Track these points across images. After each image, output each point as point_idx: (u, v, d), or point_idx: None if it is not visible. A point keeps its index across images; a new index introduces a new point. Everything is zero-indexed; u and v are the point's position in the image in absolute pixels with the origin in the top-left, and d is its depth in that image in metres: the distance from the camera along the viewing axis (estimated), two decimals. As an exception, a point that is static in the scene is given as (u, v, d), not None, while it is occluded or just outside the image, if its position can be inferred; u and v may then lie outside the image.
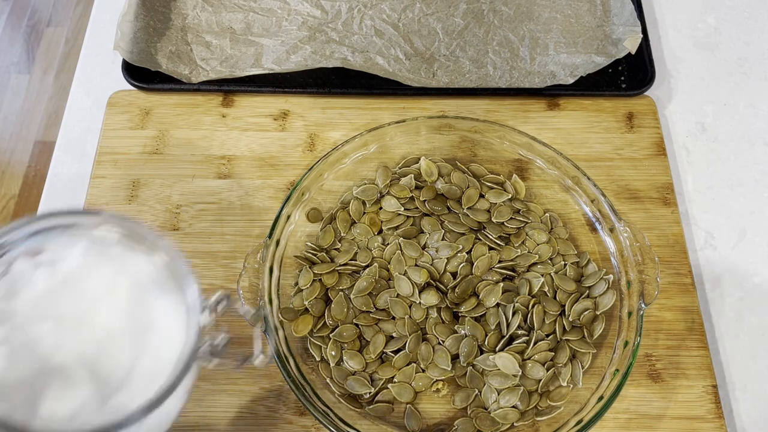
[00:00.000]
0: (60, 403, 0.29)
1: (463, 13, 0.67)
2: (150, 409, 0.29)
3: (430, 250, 0.53)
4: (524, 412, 0.48)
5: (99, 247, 0.33)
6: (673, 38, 0.68)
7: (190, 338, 0.32)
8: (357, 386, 0.49)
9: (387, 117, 0.61)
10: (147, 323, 0.33)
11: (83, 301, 0.32)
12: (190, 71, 0.63)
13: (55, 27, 1.68)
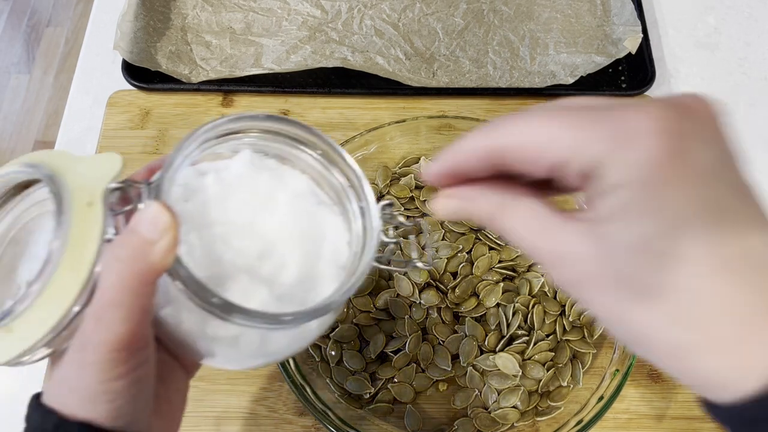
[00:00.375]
0: (243, 299, 0.29)
1: (463, 12, 0.67)
2: (316, 313, 0.30)
3: (430, 250, 0.53)
4: (524, 413, 0.48)
5: (261, 159, 0.34)
6: (673, 38, 0.68)
7: (370, 241, 0.32)
8: (357, 386, 0.49)
9: (387, 117, 0.61)
10: (311, 228, 0.33)
11: (248, 208, 0.32)
12: (190, 71, 0.63)
13: (55, 27, 1.68)
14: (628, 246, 0.22)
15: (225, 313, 0.28)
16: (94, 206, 0.29)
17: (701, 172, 0.22)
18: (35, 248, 0.33)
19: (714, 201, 0.22)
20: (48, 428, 0.27)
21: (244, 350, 0.31)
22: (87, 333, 0.27)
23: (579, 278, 0.24)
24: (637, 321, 0.23)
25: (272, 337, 0.31)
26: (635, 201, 0.22)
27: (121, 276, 0.27)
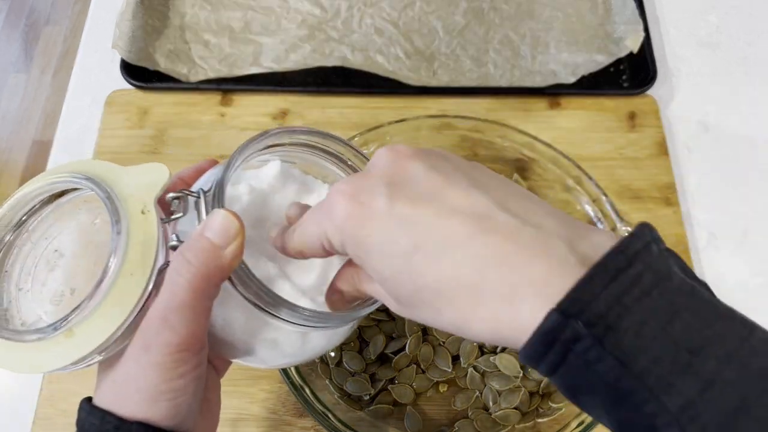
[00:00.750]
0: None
1: (463, 11, 0.67)
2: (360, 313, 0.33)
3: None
4: (525, 414, 0.48)
5: (288, 168, 0.36)
6: (674, 37, 0.68)
7: None
8: (357, 387, 0.48)
9: (387, 116, 0.60)
10: None
11: (280, 215, 0.34)
12: (189, 70, 0.63)
13: (53, 26, 1.67)
14: (379, 279, 0.29)
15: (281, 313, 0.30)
16: (148, 214, 0.31)
17: (377, 213, 0.28)
18: (72, 256, 0.33)
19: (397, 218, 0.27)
20: (108, 429, 0.28)
21: (286, 350, 0.33)
22: (151, 334, 0.28)
23: (395, 308, 0.31)
24: (434, 320, 0.28)
25: (311, 337, 0.33)
26: (356, 250, 0.28)
27: (191, 279, 0.28)
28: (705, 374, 0.22)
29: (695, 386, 0.22)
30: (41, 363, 0.29)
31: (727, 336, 0.23)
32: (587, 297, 0.23)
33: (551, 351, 0.24)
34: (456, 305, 0.26)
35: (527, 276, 0.25)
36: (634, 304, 0.23)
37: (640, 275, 0.23)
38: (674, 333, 0.23)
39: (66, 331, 0.29)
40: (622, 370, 0.23)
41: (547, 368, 0.25)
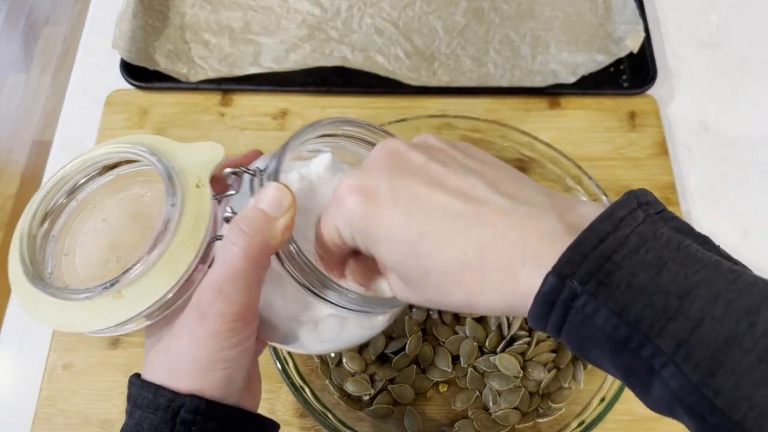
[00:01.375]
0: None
1: (463, 11, 0.67)
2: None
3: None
4: (525, 414, 0.48)
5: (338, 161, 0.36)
6: (675, 37, 0.68)
7: None
8: (357, 388, 0.48)
9: (387, 116, 0.60)
10: None
11: (324, 203, 0.35)
12: (189, 70, 0.63)
13: (53, 26, 1.67)
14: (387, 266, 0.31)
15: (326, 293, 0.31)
16: (203, 188, 0.32)
17: (386, 201, 0.29)
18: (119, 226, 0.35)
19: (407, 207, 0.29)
20: (162, 403, 0.29)
21: (323, 334, 0.34)
22: (205, 304, 0.30)
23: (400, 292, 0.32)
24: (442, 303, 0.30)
25: (349, 324, 0.34)
26: (366, 239, 0.30)
27: (245, 248, 0.29)
28: (694, 314, 0.23)
29: (686, 326, 0.23)
30: (88, 322, 0.30)
31: (713, 280, 0.24)
32: (578, 258, 0.25)
33: (553, 311, 0.26)
34: (463, 284, 0.28)
35: (523, 249, 0.27)
36: (623, 260, 0.25)
37: (626, 237, 0.25)
38: (662, 282, 0.24)
39: (115, 292, 0.30)
40: (618, 319, 0.24)
41: (553, 328, 0.27)
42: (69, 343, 0.51)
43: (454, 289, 0.29)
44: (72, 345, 0.51)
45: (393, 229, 0.29)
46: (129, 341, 0.51)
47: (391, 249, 0.29)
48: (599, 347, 0.26)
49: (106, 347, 0.51)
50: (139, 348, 0.51)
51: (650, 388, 0.25)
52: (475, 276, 0.28)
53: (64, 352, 0.51)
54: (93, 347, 0.51)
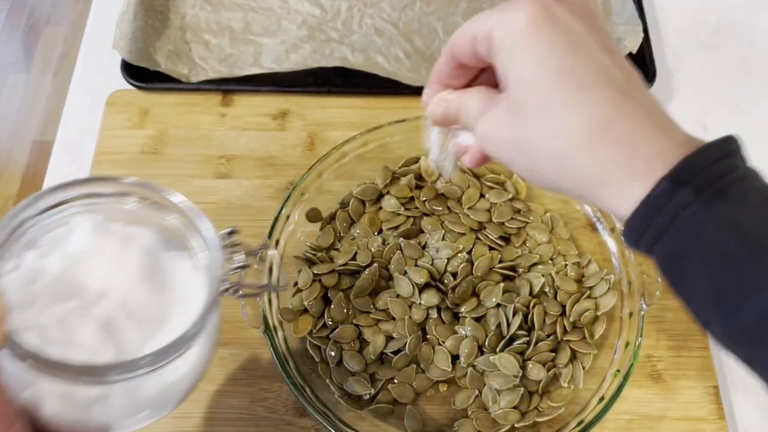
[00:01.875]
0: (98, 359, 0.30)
1: (463, 12, 0.67)
2: (171, 349, 0.30)
3: (430, 250, 0.53)
4: (525, 413, 0.48)
5: (105, 222, 0.34)
6: (674, 37, 0.68)
7: (212, 273, 0.33)
8: (357, 387, 0.48)
9: (387, 116, 0.60)
10: (165, 283, 0.34)
11: (98, 274, 0.33)
12: (189, 70, 0.63)
13: (53, 26, 1.67)
14: (514, 82, 0.30)
15: (82, 375, 0.29)
16: None
17: (567, 28, 0.29)
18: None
19: (578, 45, 0.29)
20: None
21: (120, 409, 0.31)
22: None
23: (490, 124, 0.32)
24: (527, 142, 0.30)
25: (141, 386, 0.31)
26: (514, 46, 0.30)
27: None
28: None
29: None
30: None
31: None
32: (695, 169, 0.26)
33: (660, 215, 0.27)
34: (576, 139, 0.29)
35: (642, 148, 0.28)
36: (736, 181, 0.26)
37: (736, 166, 0.27)
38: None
39: None
40: (728, 232, 0.25)
41: (653, 235, 0.27)
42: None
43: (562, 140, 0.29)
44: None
45: (551, 51, 0.29)
46: (130, 341, 0.51)
47: (533, 70, 0.29)
48: (700, 259, 0.26)
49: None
50: (139, 347, 0.51)
51: (741, 307, 0.26)
52: (593, 141, 0.28)
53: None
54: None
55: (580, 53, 0.29)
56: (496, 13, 0.31)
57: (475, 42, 0.32)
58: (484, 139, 0.33)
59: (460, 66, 0.35)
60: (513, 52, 0.30)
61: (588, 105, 0.28)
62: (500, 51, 0.30)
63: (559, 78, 0.29)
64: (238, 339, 0.52)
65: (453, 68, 0.36)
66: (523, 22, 0.29)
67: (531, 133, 0.30)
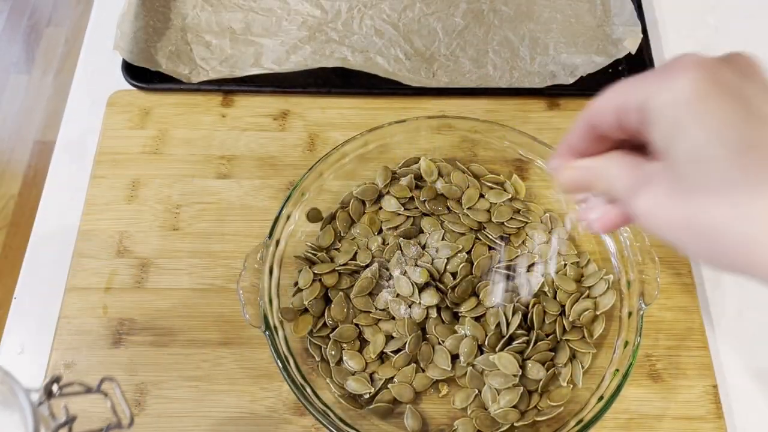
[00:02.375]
0: None
1: (463, 12, 0.67)
2: None
3: (430, 250, 0.53)
4: (524, 412, 0.48)
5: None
6: (673, 38, 0.68)
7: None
8: (357, 386, 0.49)
9: (387, 117, 0.61)
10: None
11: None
12: (190, 71, 0.63)
13: (54, 27, 1.68)
14: (685, 159, 0.27)
15: None
16: None
17: (737, 93, 0.26)
18: None
19: (753, 113, 0.26)
20: None
21: None
22: None
23: (654, 201, 0.28)
24: (706, 225, 0.27)
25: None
26: (680, 119, 0.26)
27: None
28: None
29: None
30: None
31: None
32: None
33: None
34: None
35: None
36: None
37: None
38: None
39: None
40: None
41: None
42: (71, 342, 0.52)
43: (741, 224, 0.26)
44: (74, 344, 0.51)
45: (726, 123, 0.25)
46: (131, 340, 0.52)
47: (710, 144, 0.26)
48: None
49: (108, 346, 0.51)
50: (140, 347, 0.51)
51: None
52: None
53: (66, 351, 0.51)
54: (95, 346, 0.51)
55: (759, 124, 0.26)
56: (651, 80, 0.28)
57: (623, 113, 0.29)
58: (647, 216, 0.29)
59: (598, 138, 0.32)
60: (680, 124, 0.26)
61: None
62: (659, 122, 0.27)
63: (742, 154, 0.25)
64: (239, 338, 0.52)
65: (589, 141, 0.32)
66: (687, 90, 0.26)
67: (711, 215, 0.26)
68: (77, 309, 0.53)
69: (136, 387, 0.50)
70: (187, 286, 0.54)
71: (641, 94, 0.28)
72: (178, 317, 0.53)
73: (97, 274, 0.54)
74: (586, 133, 0.32)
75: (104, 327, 0.52)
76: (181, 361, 0.51)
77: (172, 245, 0.56)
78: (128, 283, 0.54)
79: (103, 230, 0.56)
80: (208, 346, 0.52)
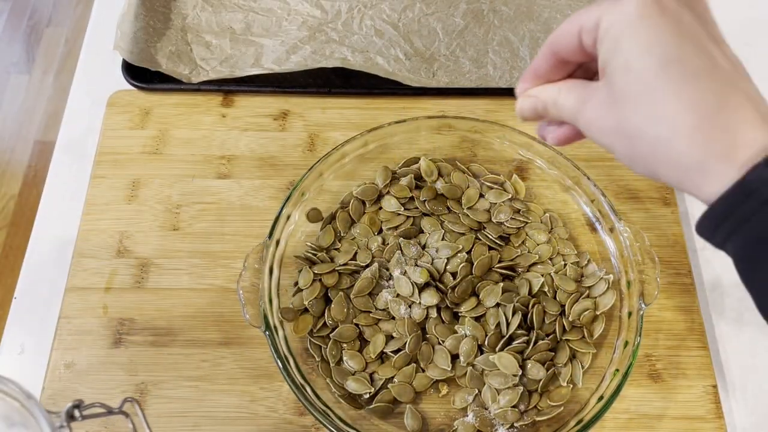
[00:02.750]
0: None
1: (463, 13, 0.67)
2: None
3: (430, 250, 0.53)
4: (524, 412, 0.48)
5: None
6: (673, 38, 0.68)
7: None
8: (357, 386, 0.49)
9: (387, 117, 0.61)
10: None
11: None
12: (190, 71, 0.63)
13: (55, 27, 1.68)
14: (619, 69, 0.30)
15: None
16: None
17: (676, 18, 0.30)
18: None
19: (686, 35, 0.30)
20: None
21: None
22: None
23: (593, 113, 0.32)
24: (629, 127, 0.30)
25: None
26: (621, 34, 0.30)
27: None
28: None
29: None
30: None
31: None
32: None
33: (751, 199, 0.27)
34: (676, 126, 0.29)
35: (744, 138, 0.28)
36: None
37: None
38: None
39: None
40: None
41: (738, 219, 0.28)
42: (71, 342, 0.52)
43: (661, 126, 0.29)
44: (74, 344, 0.51)
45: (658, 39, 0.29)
46: (131, 340, 0.52)
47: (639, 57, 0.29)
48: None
49: (108, 346, 0.51)
50: (140, 347, 0.51)
51: None
52: (696, 130, 0.28)
53: (66, 350, 0.51)
54: (95, 346, 0.51)
55: (687, 43, 0.29)
56: (605, 4, 0.31)
57: (581, 33, 0.32)
58: (588, 127, 0.33)
59: (559, 62, 0.36)
60: (619, 39, 0.30)
61: (693, 94, 0.29)
62: (605, 39, 0.31)
63: (665, 66, 0.29)
64: (239, 338, 0.52)
65: (551, 65, 0.36)
66: (632, 10, 0.30)
67: (634, 119, 0.30)
68: (77, 309, 0.53)
69: (136, 387, 0.50)
70: (187, 286, 0.54)
71: (596, 14, 0.31)
72: (178, 317, 0.53)
73: (97, 274, 0.54)
74: (548, 59, 0.36)
75: (104, 327, 0.52)
76: (181, 361, 0.51)
77: (172, 245, 0.56)
78: (128, 283, 0.54)
79: (103, 230, 0.56)
80: (208, 346, 0.52)
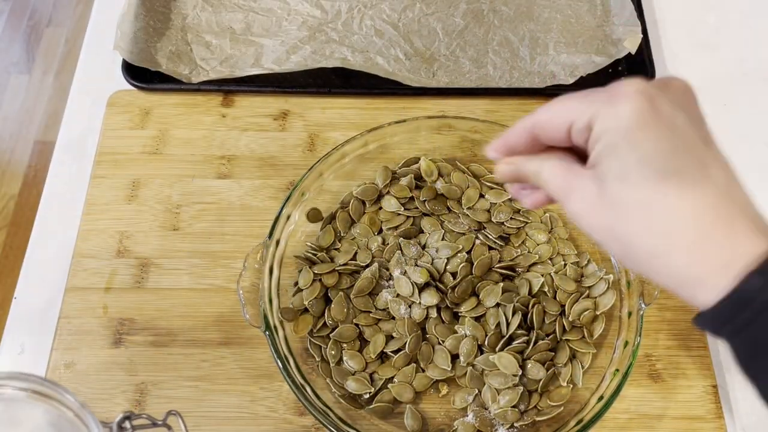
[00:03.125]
0: None
1: (463, 13, 0.67)
2: None
3: (430, 250, 0.53)
4: (524, 412, 0.48)
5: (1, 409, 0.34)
6: (673, 38, 0.68)
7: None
8: (357, 386, 0.49)
9: (387, 117, 0.61)
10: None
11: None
12: (190, 71, 0.63)
13: (55, 27, 1.68)
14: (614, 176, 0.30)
15: None
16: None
17: (671, 124, 0.30)
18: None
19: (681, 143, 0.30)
20: None
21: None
22: None
23: (583, 207, 0.32)
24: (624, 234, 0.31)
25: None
26: (618, 142, 0.30)
27: None
28: None
29: None
30: None
31: None
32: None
33: (747, 308, 0.28)
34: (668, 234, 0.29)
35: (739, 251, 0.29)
36: None
37: None
38: None
39: None
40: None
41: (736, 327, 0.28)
42: (71, 342, 0.52)
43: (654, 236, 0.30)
44: (74, 344, 0.51)
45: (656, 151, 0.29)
46: (131, 340, 0.52)
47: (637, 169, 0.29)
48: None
49: (108, 346, 0.51)
50: (140, 347, 0.51)
51: None
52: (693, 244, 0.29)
53: (66, 351, 0.51)
54: (95, 346, 0.51)
55: (683, 153, 0.30)
56: (598, 104, 0.31)
57: (570, 130, 0.32)
58: (576, 217, 0.33)
59: (537, 143, 0.35)
60: (615, 146, 0.30)
61: (690, 210, 0.29)
62: (599, 142, 0.31)
63: (662, 180, 0.29)
64: (239, 338, 0.52)
65: (527, 143, 0.35)
66: (628, 118, 0.30)
67: (629, 228, 0.30)
68: (77, 309, 0.53)
69: (136, 387, 0.50)
70: (187, 286, 0.54)
71: (588, 116, 0.31)
72: (178, 317, 0.53)
73: (97, 274, 0.54)
74: (526, 138, 0.35)
75: (104, 327, 0.52)
76: (181, 361, 0.51)
77: (172, 245, 0.56)
78: (128, 283, 0.54)
79: (103, 230, 0.56)
80: (208, 346, 0.52)
